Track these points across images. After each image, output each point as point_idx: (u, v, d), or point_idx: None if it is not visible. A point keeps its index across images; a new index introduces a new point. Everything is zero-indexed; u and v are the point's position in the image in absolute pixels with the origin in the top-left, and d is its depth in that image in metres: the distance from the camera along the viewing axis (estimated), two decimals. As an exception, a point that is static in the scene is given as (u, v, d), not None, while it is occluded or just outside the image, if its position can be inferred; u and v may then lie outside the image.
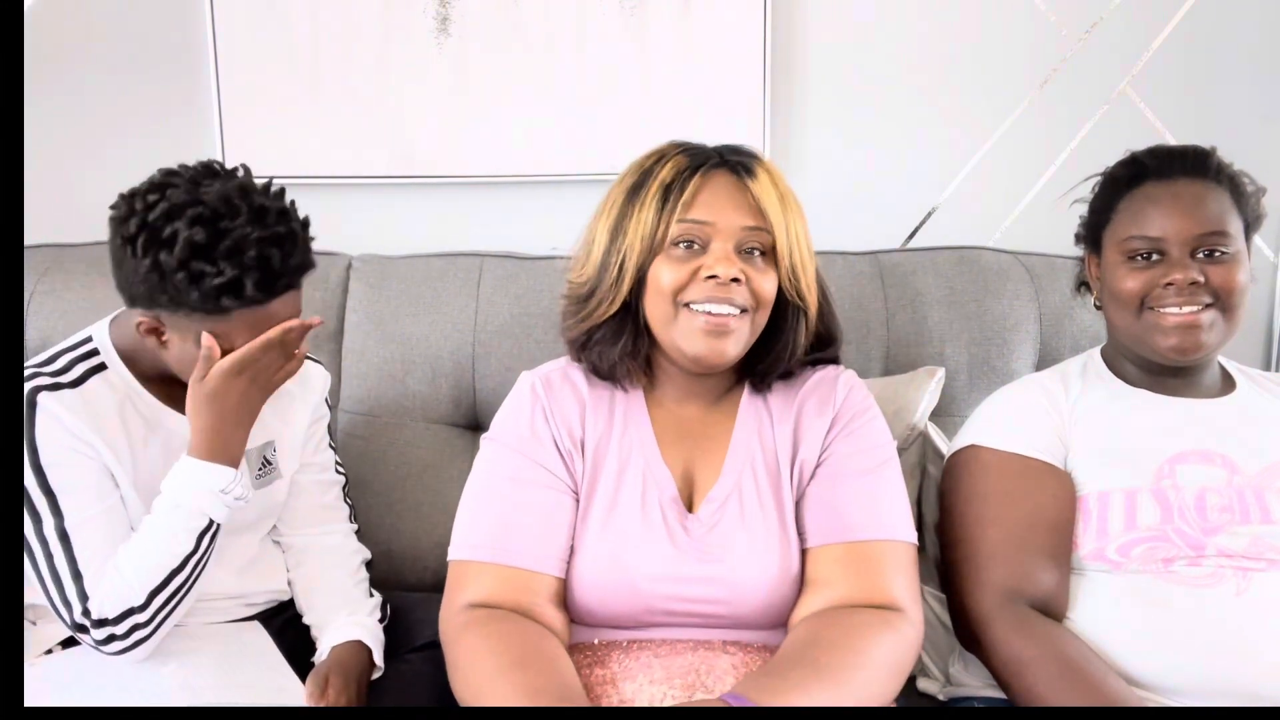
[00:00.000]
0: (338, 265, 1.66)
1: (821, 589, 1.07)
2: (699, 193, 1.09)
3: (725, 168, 1.11)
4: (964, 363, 1.60)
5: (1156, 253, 1.19)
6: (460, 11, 1.77)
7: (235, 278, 1.03)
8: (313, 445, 1.33)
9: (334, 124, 1.81)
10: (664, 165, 1.11)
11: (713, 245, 1.08)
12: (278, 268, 1.05)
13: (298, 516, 1.32)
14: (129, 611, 1.06)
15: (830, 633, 1.01)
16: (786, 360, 1.15)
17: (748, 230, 1.09)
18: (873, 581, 1.05)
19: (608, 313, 1.12)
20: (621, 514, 1.10)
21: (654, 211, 1.09)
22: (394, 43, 1.78)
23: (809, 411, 1.15)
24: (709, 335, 1.07)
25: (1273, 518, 1.11)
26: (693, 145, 1.15)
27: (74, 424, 1.08)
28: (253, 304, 1.06)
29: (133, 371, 1.15)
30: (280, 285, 1.08)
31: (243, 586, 1.24)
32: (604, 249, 1.12)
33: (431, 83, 1.80)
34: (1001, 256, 1.67)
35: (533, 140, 1.81)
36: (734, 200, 1.09)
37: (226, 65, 1.78)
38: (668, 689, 1.01)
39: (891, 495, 1.11)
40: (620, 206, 1.12)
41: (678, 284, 1.08)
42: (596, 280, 1.13)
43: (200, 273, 1.02)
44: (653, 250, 1.09)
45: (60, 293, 1.58)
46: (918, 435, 1.46)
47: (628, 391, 1.17)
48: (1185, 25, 1.81)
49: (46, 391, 1.08)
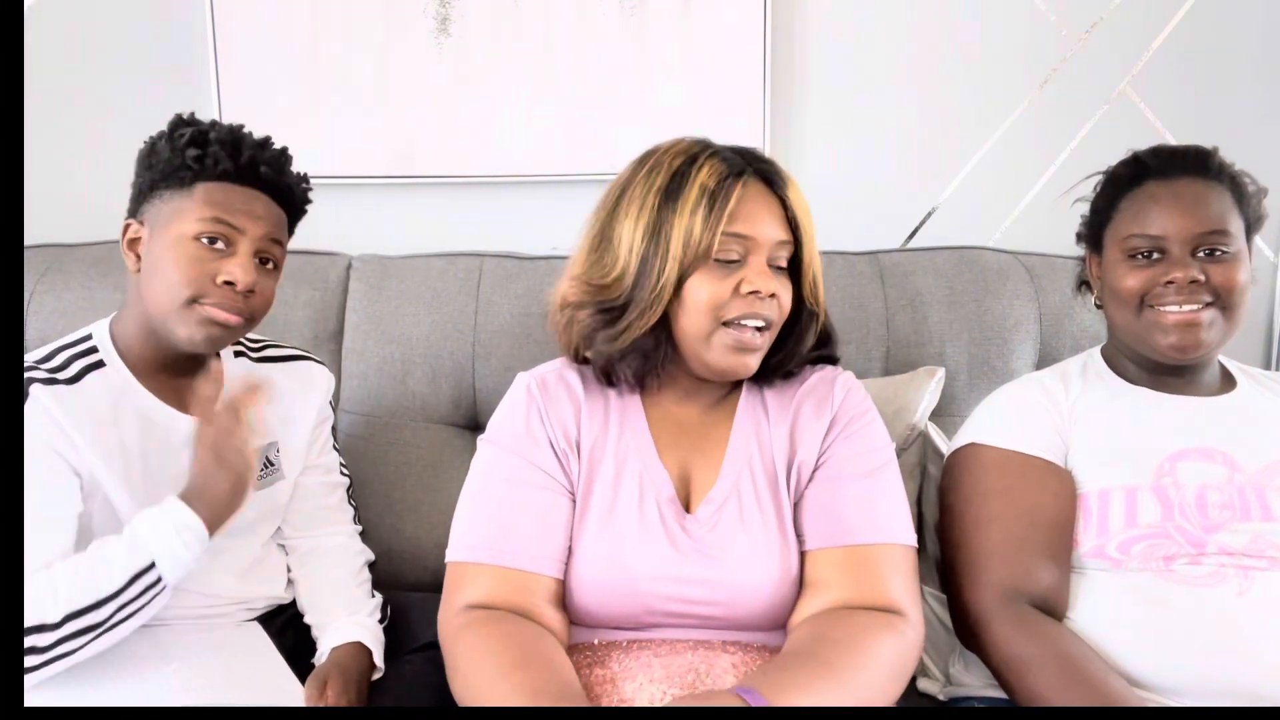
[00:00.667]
0: (338, 265, 1.66)
1: (821, 591, 1.06)
2: (742, 203, 1.07)
3: (758, 177, 1.10)
4: (964, 362, 1.60)
5: (1157, 251, 1.19)
6: (460, 11, 1.78)
7: (202, 142, 1.12)
8: (317, 448, 1.33)
9: (334, 124, 1.81)
10: (699, 168, 1.07)
11: (751, 259, 1.08)
12: (245, 155, 1.13)
13: (302, 519, 1.32)
14: (40, 627, 1.00)
15: (835, 632, 1.01)
16: (793, 360, 1.15)
17: (780, 244, 1.09)
18: (872, 585, 1.05)
19: (648, 325, 1.08)
20: (619, 515, 1.10)
21: (701, 220, 1.05)
22: (394, 43, 1.79)
23: (806, 413, 1.15)
24: (739, 352, 1.08)
25: (1273, 515, 1.11)
26: (716, 145, 1.12)
27: (62, 420, 1.07)
28: (218, 179, 1.13)
29: (132, 370, 1.15)
30: (247, 176, 1.14)
31: (243, 591, 1.23)
32: (641, 256, 1.07)
33: (431, 83, 1.80)
34: (1001, 256, 1.67)
35: (533, 140, 1.81)
36: (770, 213, 1.08)
37: (226, 65, 1.78)
38: (667, 688, 1.01)
39: (890, 498, 1.11)
40: (656, 210, 1.07)
41: (718, 300, 1.07)
42: (634, 290, 1.08)
43: (180, 139, 1.12)
44: (695, 261, 1.06)
45: (60, 293, 1.58)
46: (917, 435, 1.46)
47: (623, 395, 1.17)
48: (1185, 25, 1.81)
49: (40, 385, 1.08)
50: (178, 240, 1.11)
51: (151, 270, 1.13)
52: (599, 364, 1.14)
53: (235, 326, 1.14)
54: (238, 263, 1.12)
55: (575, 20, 1.78)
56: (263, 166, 1.15)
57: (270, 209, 1.17)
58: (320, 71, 1.79)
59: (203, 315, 1.12)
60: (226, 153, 1.13)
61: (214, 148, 1.12)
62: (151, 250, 1.13)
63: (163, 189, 1.14)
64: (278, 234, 1.18)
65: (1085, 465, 1.19)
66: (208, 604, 1.19)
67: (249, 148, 1.15)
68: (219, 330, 1.13)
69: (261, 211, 1.15)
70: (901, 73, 1.83)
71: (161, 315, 1.12)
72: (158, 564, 1.05)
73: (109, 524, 1.12)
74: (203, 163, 1.12)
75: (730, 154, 1.11)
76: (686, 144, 1.12)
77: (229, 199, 1.13)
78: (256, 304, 1.15)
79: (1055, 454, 1.20)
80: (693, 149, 1.11)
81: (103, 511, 1.12)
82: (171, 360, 1.17)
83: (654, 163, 1.11)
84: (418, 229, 1.84)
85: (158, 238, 1.13)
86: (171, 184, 1.13)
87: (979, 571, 1.15)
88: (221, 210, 1.12)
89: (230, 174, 1.13)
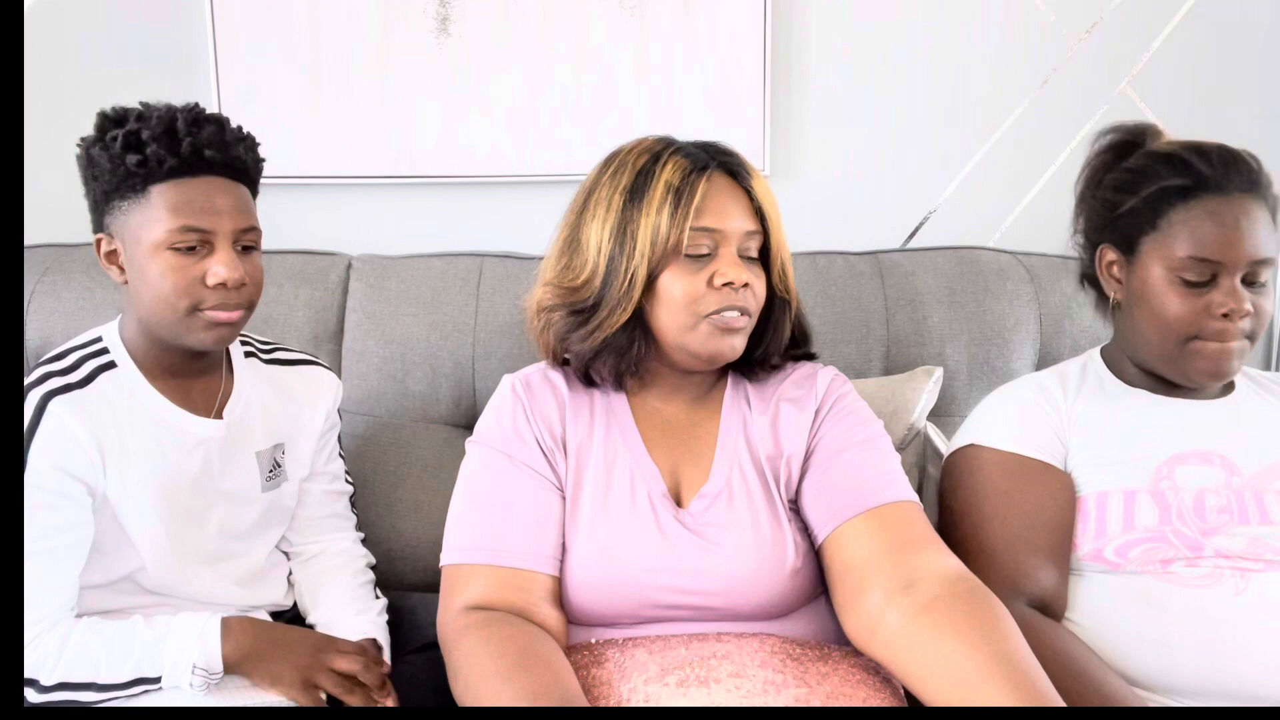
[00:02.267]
0: (338, 265, 1.66)
1: (861, 579, 1.02)
2: (707, 198, 1.08)
3: (722, 170, 1.11)
4: (964, 362, 1.60)
5: (1211, 276, 1.12)
6: (460, 11, 1.77)
7: (138, 144, 1.07)
8: (324, 455, 1.33)
9: (334, 124, 1.81)
10: (663, 165, 1.09)
11: (721, 251, 1.09)
12: (185, 146, 1.07)
13: (306, 525, 1.32)
14: (33, 681, 1.03)
15: None
16: (775, 351, 1.17)
17: (748, 234, 1.10)
18: (915, 550, 1.02)
19: (619, 323, 1.10)
20: (612, 510, 1.10)
21: (667, 217, 1.07)
22: (394, 43, 1.78)
23: (788, 407, 1.16)
24: (724, 334, 1.09)
25: (1271, 518, 1.11)
26: (679, 142, 1.13)
27: (77, 430, 1.07)
28: (168, 178, 1.08)
29: (143, 371, 1.15)
30: (195, 165, 1.08)
31: (245, 598, 1.23)
32: (609, 256, 1.09)
33: (431, 83, 1.79)
34: (1001, 256, 1.67)
35: (533, 140, 1.81)
36: (737, 204, 1.10)
37: (226, 65, 1.78)
38: (662, 687, 1.01)
39: (892, 462, 1.12)
40: (622, 210, 1.09)
41: (693, 295, 1.08)
42: (603, 290, 1.10)
43: (114, 144, 1.07)
44: (664, 257, 1.08)
45: (60, 293, 1.58)
46: (915, 435, 1.46)
47: (608, 393, 1.17)
48: (1185, 25, 1.81)
49: (59, 396, 1.08)
50: (155, 251, 1.08)
51: (140, 283, 1.10)
52: (577, 365, 1.15)
53: (239, 320, 1.14)
54: (221, 261, 1.10)
55: (575, 20, 1.77)
56: (206, 150, 1.09)
57: (230, 192, 1.12)
58: (320, 72, 1.79)
59: (206, 320, 1.11)
60: (166, 149, 1.07)
61: (151, 148, 1.07)
62: (132, 263, 1.11)
63: (117, 199, 1.10)
64: (247, 216, 1.14)
65: (1084, 468, 1.19)
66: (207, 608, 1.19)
67: (185, 135, 1.08)
68: (226, 330, 1.13)
69: (223, 202, 1.11)
70: (901, 73, 1.82)
71: (165, 325, 1.11)
72: (163, 681, 1.07)
73: (114, 532, 1.12)
74: (146, 166, 1.07)
75: (694, 149, 1.12)
76: (650, 142, 1.13)
77: (188, 199, 1.08)
78: (251, 291, 1.14)
79: (1054, 456, 1.20)
80: (656, 147, 1.12)
81: (109, 521, 1.12)
82: (180, 362, 1.17)
83: (618, 163, 1.12)
84: (418, 229, 1.84)
85: (133, 250, 1.10)
86: (123, 193, 1.09)
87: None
88: (185, 216, 1.08)
89: (177, 169, 1.08)
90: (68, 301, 1.57)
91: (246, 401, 1.22)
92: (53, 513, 1.06)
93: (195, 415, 1.17)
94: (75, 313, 1.56)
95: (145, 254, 1.09)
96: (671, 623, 1.09)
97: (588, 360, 1.13)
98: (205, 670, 1.08)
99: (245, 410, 1.22)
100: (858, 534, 1.04)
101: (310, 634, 1.18)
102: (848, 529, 1.05)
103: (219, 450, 1.19)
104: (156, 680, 1.07)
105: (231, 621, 1.11)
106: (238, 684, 1.12)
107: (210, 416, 1.18)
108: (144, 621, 1.09)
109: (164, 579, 1.15)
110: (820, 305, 1.59)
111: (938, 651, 0.92)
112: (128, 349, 1.15)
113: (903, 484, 1.09)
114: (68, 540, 1.07)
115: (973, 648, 0.91)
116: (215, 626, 1.09)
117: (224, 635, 1.09)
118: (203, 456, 1.17)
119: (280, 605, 1.28)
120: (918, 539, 1.03)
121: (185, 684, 1.07)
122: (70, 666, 1.04)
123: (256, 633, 1.12)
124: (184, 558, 1.16)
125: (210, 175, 1.11)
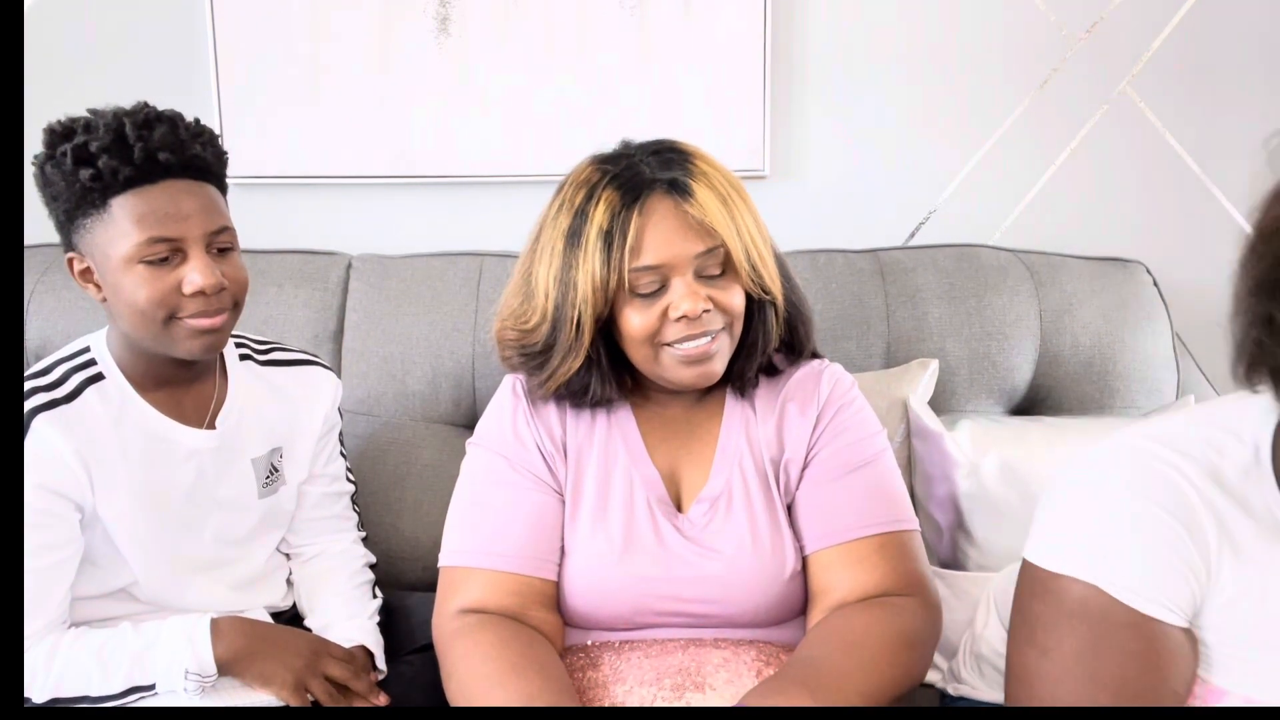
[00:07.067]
0: (338, 265, 1.66)
1: (821, 599, 1.07)
2: (643, 234, 1.01)
3: (660, 191, 1.03)
4: (964, 358, 1.60)
5: None
6: (460, 11, 1.77)
7: (89, 158, 1.02)
8: (324, 456, 1.31)
9: (334, 124, 1.81)
10: (595, 204, 1.03)
11: (673, 283, 1.03)
12: (138, 153, 1.02)
13: (304, 527, 1.31)
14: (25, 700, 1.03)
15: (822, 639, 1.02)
16: (761, 353, 1.12)
17: (701, 256, 1.03)
18: (866, 577, 1.05)
19: (573, 369, 1.07)
20: (611, 515, 1.09)
21: (600, 263, 1.01)
22: (394, 43, 1.78)
23: (792, 409, 1.13)
24: (692, 364, 1.05)
25: None
26: (619, 167, 1.05)
27: (63, 448, 1.04)
28: (126, 188, 1.03)
29: (132, 383, 1.12)
30: (152, 172, 1.03)
31: (242, 601, 1.22)
32: (555, 303, 1.06)
33: (431, 83, 1.79)
34: (1001, 254, 1.67)
35: (533, 140, 1.81)
36: (680, 229, 1.02)
37: (226, 66, 1.78)
38: (657, 690, 1.01)
39: (880, 487, 1.10)
40: (562, 255, 1.05)
41: (649, 330, 1.03)
42: (552, 335, 1.07)
43: (64, 161, 1.03)
44: (609, 298, 1.03)
45: (60, 293, 1.58)
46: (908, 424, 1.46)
47: None
48: (1185, 25, 1.81)
49: (44, 413, 1.05)
50: (126, 266, 1.04)
51: (117, 299, 1.06)
52: (551, 397, 1.13)
53: (225, 324, 1.10)
54: (195, 268, 1.05)
55: (575, 20, 1.77)
56: (160, 153, 1.03)
57: (194, 194, 1.06)
58: (320, 71, 1.79)
59: (189, 329, 1.07)
60: (118, 159, 1.02)
61: (103, 159, 1.01)
62: (106, 280, 1.06)
63: (79, 217, 1.05)
64: (217, 216, 1.08)
65: (1221, 646, 0.83)
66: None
67: (136, 140, 1.03)
68: (212, 336, 1.09)
69: (189, 206, 1.05)
70: (901, 72, 1.82)
71: (149, 339, 1.08)
72: (158, 686, 1.06)
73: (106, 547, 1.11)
74: (101, 179, 1.02)
75: (629, 174, 1.04)
76: (588, 172, 1.07)
77: (150, 208, 1.03)
78: (233, 293, 1.10)
79: (1179, 609, 0.81)
80: (592, 178, 1.06)
81: (100, 536, 1.10)
82: (170, 372, 1.14)
83: (561, 200, 1.08)
84: (418, 229, 1.84)
85: (104, 266, 1.06)
86: (84, 210, 1.04)
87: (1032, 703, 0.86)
88: (151, 227, 1.03)
89: (134, 178, 1.03)
90: (68, 301, 1.58)
91: (241, 408, 1.20)
92: (40, 531, 1.04)
93: (187, 426, 1.14)
94: (75, 313, 1.56)
95: (117, 270, 1.04)
96: (668, 628, 1.09)
97: (561, 396, 1.12)
98: (199, 674, 1.06)
99: (240, 417, 1.19)
100: (833, 562, 1.07)
101: (303, 635, 1.17)
102: (825, 556, 1.07)
103: (213, 459, 1.17)
104: (151, 688, 1.06)
105: (221, 622, 1.10)
106: (229, 684, 1.11)
107: (203, 425, 1.16)
108: (132, 629, 1.08)
109: (158, 591, 1.14)
110: (821, 303, 1.59)
111: None
112: (116, 360, 1.12)
113: (889, 511, 1.08)
114: (56, 558, 1.05)
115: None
116: (205, 629, 1.08)
117: (214, 637, 1.08)
118: (196, 467, 1.15)
119: (278, 607, 1.27)
120: (888, 573, 1.05)
121: (180, 689, 1.06)
122: (60, 681, 1.03)
123: (247, 632, 1.11)
124: (178, 568, 1.15)
125: (170, 179, 1.05)
